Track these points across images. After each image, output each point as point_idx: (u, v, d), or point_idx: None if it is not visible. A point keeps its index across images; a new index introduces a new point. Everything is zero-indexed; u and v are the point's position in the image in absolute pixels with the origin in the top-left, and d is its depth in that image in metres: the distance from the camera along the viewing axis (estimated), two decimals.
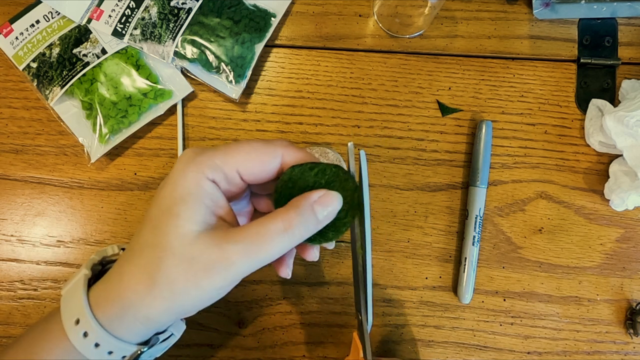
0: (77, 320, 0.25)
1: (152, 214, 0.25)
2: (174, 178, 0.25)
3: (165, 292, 0.24)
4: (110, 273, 0.27)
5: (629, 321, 0.41)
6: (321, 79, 0.44)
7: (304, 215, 0.24)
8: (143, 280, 0.24)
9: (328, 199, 0.25)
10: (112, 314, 0.25)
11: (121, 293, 0.25)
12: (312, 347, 0.41)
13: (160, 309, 0.25)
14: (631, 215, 0.43)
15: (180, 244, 0.23)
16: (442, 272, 0.42)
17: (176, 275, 0.23)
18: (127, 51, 0.42)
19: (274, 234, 0.24)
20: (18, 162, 0.43)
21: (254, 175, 0.26)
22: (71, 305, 0.26)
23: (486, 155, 0.41)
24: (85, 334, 0.25)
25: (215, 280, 0.24)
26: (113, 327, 0.25)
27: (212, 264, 0.23)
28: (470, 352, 0.41)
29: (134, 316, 0.25)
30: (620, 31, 0.44)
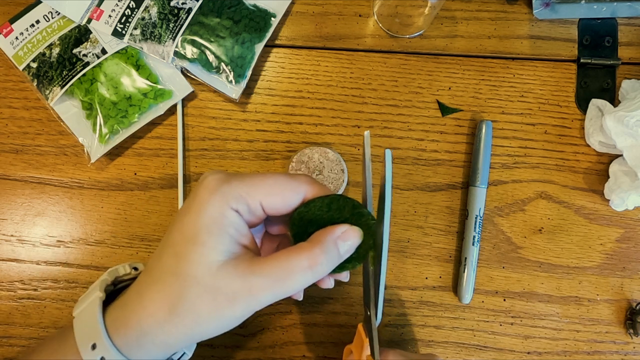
0: (93, 345, 0.25)
1: (174, 239, 0.25)
2: (199, 206, 0.25)
3: (188, 320, 0.24)
4: (128, 297, 0.26)
5: (629, 321, 0.41)
6: (321, 79, 0.44)
7: (329, 251, 0.25)
8: (164, 308, 0.24)
9: (351, 234, 0.26)
10: (130, 339, 0.25)
11: (141, 319, 0.25)
12: (312, 347, 0.41)
13: (180, 336, 0.25)
14: (631, 215, 0.43)
15: (204, 274, 0.24)
16: (442, 272, 0.42)
17: (200, 305, 0.24)
18: (127, 51, 0.42)
19: (299, 270, 0.24)
20: (18, 162, 0.43)
21: (275, 209, 0.26)
22: (86, 328, 0.26)
23: (486, 155, 0.41)
24: (102, 359, 0.25)
25: (237, 310, 0.24)
26: (130, 352, 0.26)
27: (235, 295, 0.24)
28: (470, 352, 0.41)
29: (152, 342, 0.25)
30: (620, 31, 0.44)
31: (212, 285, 0.24)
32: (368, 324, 0.30)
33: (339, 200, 0.27)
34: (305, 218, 0.26)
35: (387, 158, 0.25)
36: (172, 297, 0.24)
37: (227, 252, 0.24)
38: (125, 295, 0.27)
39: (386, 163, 0.25)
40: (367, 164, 0.27)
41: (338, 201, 0.27)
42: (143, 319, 0.25)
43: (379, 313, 0.28)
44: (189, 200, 0.26)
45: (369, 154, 0.27)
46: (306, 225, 0.26)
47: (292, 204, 0.26)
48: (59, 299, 0.41)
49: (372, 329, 0.29)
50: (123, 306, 0.26)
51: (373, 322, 0.29)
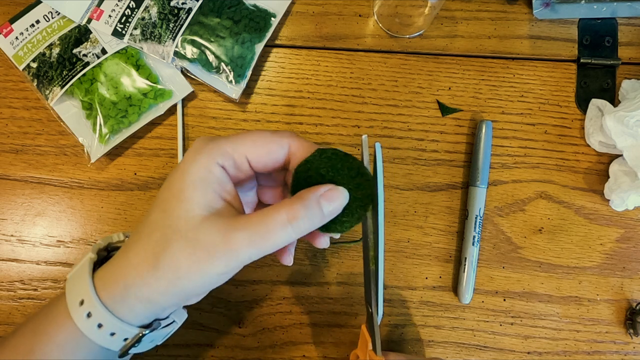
0: (81, 301, 0.26)
1: (162, 196, 0.26)
2: (186, 163, 0.25)
3: (168, 273, 0.24)
4: (117, 255, 0.27)
5: (629, 321, 0.41)
6: (321, 79, 0.44)
7: (310, 208, 0.24)
8: (147, 260, 0.25)
9: (334, 193, 0.25)
10: (115, 295, 0.26)
11: (125, 273, 0.25)
12: (312, 347, 0.41)
13: (162, 290, 0.25)
14: (631, 215, 0.43)
15: (187, 227, 0.24)
16: (442, 272, 0.42)
17: (180, 258, 0.24)
18: (127, 51, 0.42)
19: (278, 224, 0.24)
20: (18, 162, 0.43)
21: (261, 164, 0.26)
22: (76, 287, 0.27)
23: (486, 155, 0.41)
24: (89, 315, 0.26)
25: (217, 265, 0.24)
26: (116, 308, 0.26)
27: (215, 249, 0.24)
28: (470, 352, 0.41)
29: (136, 296, 0.25)
30: (620, 31, 0.44)
31: (192, 238, 0.24)
32: (370, 321, 0.30)
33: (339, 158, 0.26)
34: (305, 177, 0.26)
35: (377, 151, 0.25)
36: (156, 250, 0.24)
37: (210, 207, 0.25)
38: (115, 255, 0.27)
39: (376, 156, 0.24)
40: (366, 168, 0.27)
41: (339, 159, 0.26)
42: (127, 273, 0.25)
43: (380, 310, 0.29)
44: (180, 162, 0.26)
45: (368, 158, 0.27)
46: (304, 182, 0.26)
47: (277, 157, 0.26)
48: None
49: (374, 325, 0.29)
50: (111, 263, 0.27)
51: (375, 319, 0.29)
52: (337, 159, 0.26)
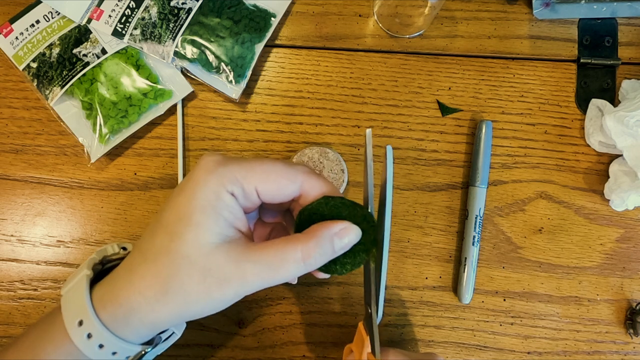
0: (80, 322, 0.25)
1: (167, 219, 0.25)
2: (194, 186, 0.24)
3: (177, 300, 0.24)
4: (117, 274, 0.26)
5: (629, 321, 0.41)
6: (321, 79, 0.44)
7: (323, 246, 0.24)
8: (155, 287, 0.24)
9: (348, 232, 0.25)
10: (117, 316, 0.25)
11: (130, 296, 0.25)
12: (312, 347, 0.41)
13: (169, 316, 0.25)
14: (631, 215, 0.43)
15: (197, 255, 0.24)
16: (442, 272, 0.42)
17: (190, 286, 0.24)
18: (127, 51, 0.42)
19: (292, 260, 0.24)
20: (18, 162, 0.43)
21: (270, 196, 0.26)
22: (73, 306, 0.26)
23: (486, 155, 0.41)
24: (89, 335, 0.25)
25: (227, 294, 0.24)
26: (117, 329, 0.25)
27: (227, 279, 0.24)
28: (470, 352, 0.41)
29: (140, 320, 0.25)
30: (620, 31, 0.44)
31: (203, 267, 0.23)
32: (369, 322, 0.30)
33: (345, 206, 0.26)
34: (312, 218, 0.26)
35: (388, 154, 0.24)
36: (163, 276, 0.24)
37: (222, 235, 0.24)
38: (114, 273, 0.26)
39: (387, 159, 0.24)
40: (368, 164, 0.27)
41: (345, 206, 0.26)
42: (132, 297, 0.25)
43: (379, 311, 0.28)
44: (185, 180, 0.25)
45: (371, 152, 0.27)
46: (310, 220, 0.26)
47: (287, 192, 0.26)
48: (59, 299, 0.41)
49: (372, 326, 0.29)
50: (112, 283, 0.26)
51: (374, 320, 0.29)
52: (343, 207, 0.26)
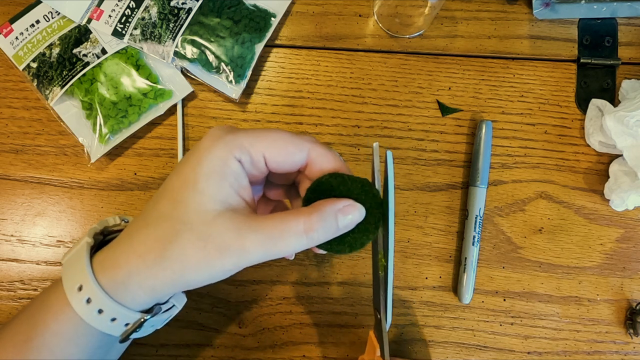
0: (80, 287, 0.25)
1: (172, 185, 0.25)
2: (201, 152, 0.24)
3: (176, 266, 0.24)
4: (119, 240, 0.26)
5: (629, 321, 0.41)
6: (321, 79, 0.44)
7: (327, 220, 0.24)
8: (155, 250, 0.24)
9: (353, 209, 0.25)
10: (117, 281, 0.25)
11: (129, 260, 0.25)
12: (312, 347, 0.41)
13: (167, 281, 0.25)
14: (631, 215, 0.43)
15: (199, 221, 0.23)
16: (442, 272, 0.42)
17: (190, 252, 0.23)
18: (127, 51, 0.42)
19: (294, 233, 0.24)
20: (18, 162, 0.43)
21: (278, 164, 0.26)
22: (73, 272, 0.26)
23: (486, 155, 0.41)
24: (89, 300, 0.25)
25: (227, 263, 0.24)
26: (117, 294, 0.25)
27: (227, 247, 0.23)
28: (470, 352, 0.41)
29: (139, 284, 0.25)
30: (620, 31, 0.44)
31: (205, 234, 0.23)
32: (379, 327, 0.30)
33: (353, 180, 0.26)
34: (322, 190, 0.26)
35: (388, 160, 0.24)
36: (164, 240, 0.24)
37: (225, 203, 0.24)
38: (115, 240, 0.27)
39: (387, 165, 0.24)
40: (376, 176, 0.27)
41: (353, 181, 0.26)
42: (132, 260, 0.25)
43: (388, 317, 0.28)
44: (192, 149, 0.25)
45: (378, 165, 0.26)
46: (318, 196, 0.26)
47: (294, 161, 0.26)
48: None
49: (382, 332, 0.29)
50: (112, 249, 0.26)
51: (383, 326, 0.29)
52: (353, 183, 0.26)
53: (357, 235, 0.26)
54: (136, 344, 0.40)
